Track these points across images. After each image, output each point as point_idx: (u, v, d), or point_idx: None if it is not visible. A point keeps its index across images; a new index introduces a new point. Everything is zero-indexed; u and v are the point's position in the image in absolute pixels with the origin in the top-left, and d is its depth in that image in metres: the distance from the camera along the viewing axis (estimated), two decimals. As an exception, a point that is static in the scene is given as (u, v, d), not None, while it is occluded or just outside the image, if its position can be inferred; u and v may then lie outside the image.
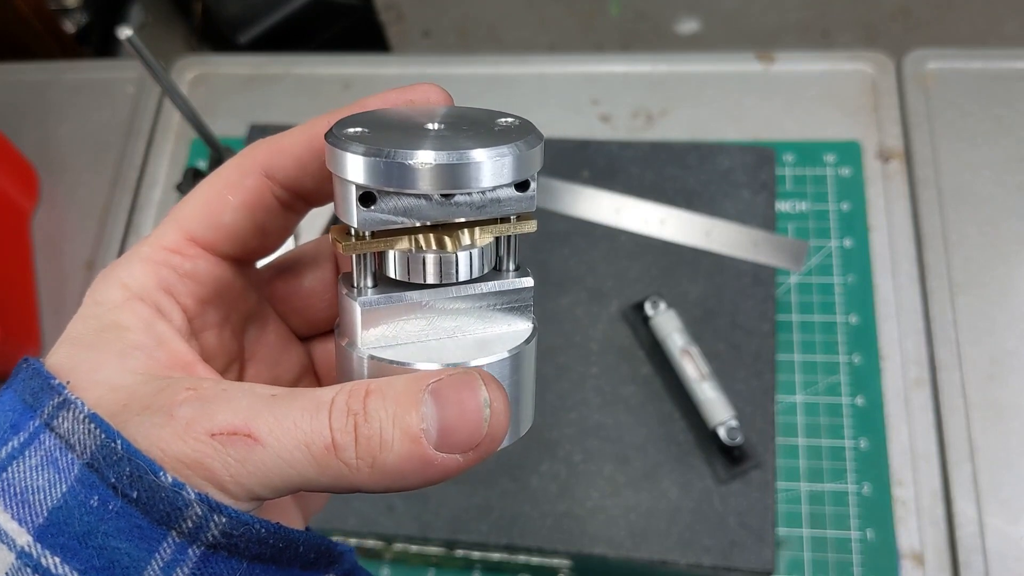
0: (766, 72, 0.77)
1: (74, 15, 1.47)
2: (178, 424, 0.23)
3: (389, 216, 0.25)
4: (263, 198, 0.28)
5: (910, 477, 0.60)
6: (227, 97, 0.82)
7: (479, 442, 0.23)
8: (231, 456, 0.22)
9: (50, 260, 0.76)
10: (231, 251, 0.28)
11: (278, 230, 0.29)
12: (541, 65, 0.80)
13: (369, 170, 0.24)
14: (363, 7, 1.36)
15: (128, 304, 0.26)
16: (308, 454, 0.22)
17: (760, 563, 0.57)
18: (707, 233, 0.68)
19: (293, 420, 0.23)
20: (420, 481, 0.23)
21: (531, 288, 0.27)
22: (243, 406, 0.23)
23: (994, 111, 0.72)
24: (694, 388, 0.60)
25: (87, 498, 0.22)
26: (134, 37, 0.52)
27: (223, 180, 0.28)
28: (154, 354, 0.25)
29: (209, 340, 0.29)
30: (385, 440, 0.23)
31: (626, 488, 0.60)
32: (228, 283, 0.29)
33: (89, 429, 0.22)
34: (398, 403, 0.23)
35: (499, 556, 0.59)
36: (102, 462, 0.22)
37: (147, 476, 0.22)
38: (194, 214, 0.28)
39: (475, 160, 0.24)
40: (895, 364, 0.64)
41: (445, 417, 0.23)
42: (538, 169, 0.26)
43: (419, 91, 0.28)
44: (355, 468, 0.23)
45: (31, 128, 0.82)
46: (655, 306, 0.63)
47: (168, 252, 0.27)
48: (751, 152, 0.70)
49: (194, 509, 0.22)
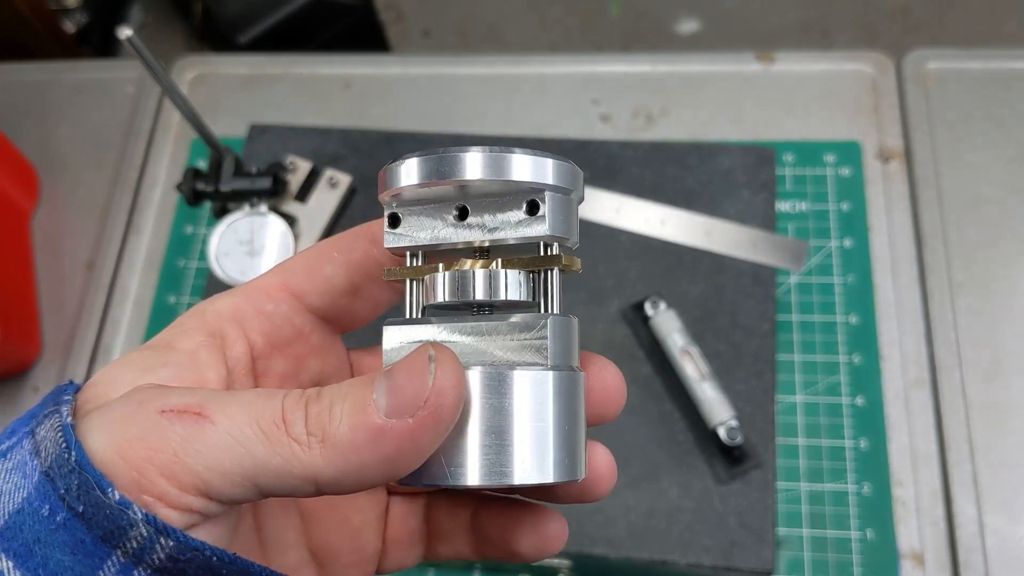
0: (766, 72, 0.77)
1: (74, 15, 1.47)
2: (131, 404, 0.23)
3: (411, 234, 0.27)
4: (366, 262, 0.29)
5: (910, 477, 0.60)
6: (227, 97, 0.82)
7: (426, 397, 0.23)
8: (177, 432, 0.22)
9: (50, 260, 0.76)
10: (320, 303, 0.29)
11: (373, 299, 0.30)
12: (541, 65, 0.80)
13: (390, 176, 0.26)
14: (363, 7, 1.36)
15: (193, 329, 0.27)
16: (257, 429, 0.22)
17: (760, 563, 0.57)
18: (707, 233, 0.68)
19: (247, 401, 0.23)
20: (376, 457, 0.22)
21: (544, 323, 0.26)
22: (201, 392, 0.23)
23: (994, 111, 0.72)
24: (694, 388, 0.60)
25: (40, 506, 0.22)
26: (134, 37, 0.52)
27: (335, 240, 0.29)
28: (181, 374, 0.25)
29: (268, 385, 0.28)
30: (335, 413, 0.22)
31: (626, 488, 0.60)
32: (305, 336, 0.29)
33: (56, 437, 0.22)
34: (352, 384, 0.23)
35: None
36: (56, 471, 0.22)
37: (93, 491, 0.21)
38: (295, 264, 0.29)
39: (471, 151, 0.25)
40: (895, 364, 0.64)
41: (392, 383, 0.23)
42: (551, 187, 0.26)
43: None
44: (306, 445, 0.22)
45: (31, 128, 0.82)
46: (655, 306, 0.63)
47: (257, 291, 0.28)
48: (751, 152, 0.70)
49: (139, 529, 0.21)
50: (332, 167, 0.72)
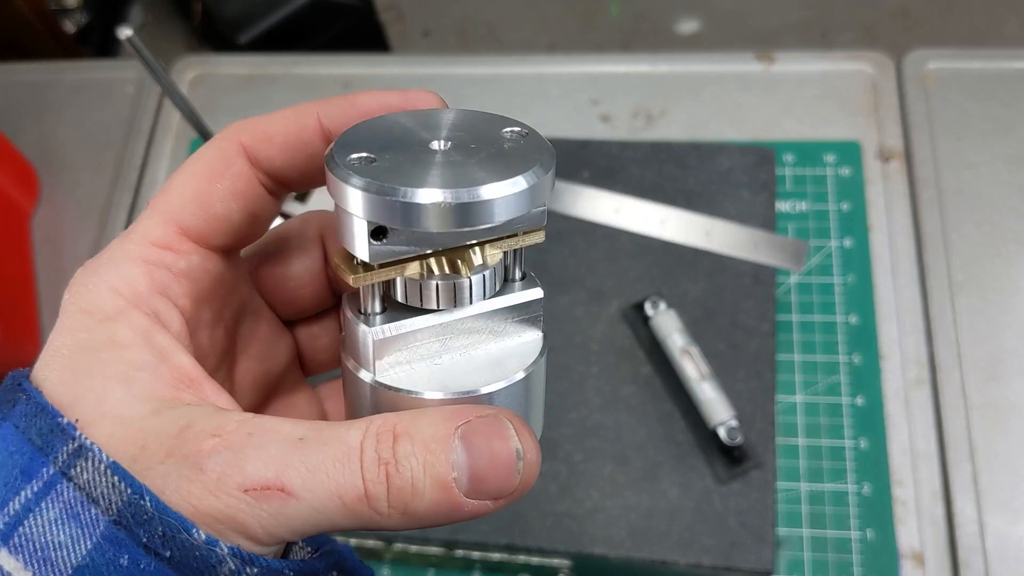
0: (766, 72, 0.77)
1: (74, 15, 1.47)
2: (208, 479, 0.22)
3: (400, 247, 0.24)
4: (251, 185, 0.26)
5: (910, 477, 0.60)
6: (227, 97, 0.82)
7: (512, 491, 0.23)
8: (265, 511, 0.22)
9: (50, 260, 0.76)
10: (224, 242, 0.27)
11: (266, 217, 0.28)
12: (541, 65, 0.80)
13: (379, 208, 0.23)
14: (363, 7, 1.36)
15: (123, 315, 0.24)
16: (341, 504, 0.22)
17: (760, 563, 0.57)
18: (707, 233, 0.68)
19: (326, 472, 0.22)
20: (448, 522, 0.23)
21: (541, 300, 0.27)
22: (272, 455, 0.22)
23: (994, 111, 0.72)
24: (694, 388, 0.60)
25: (116, 556, 0.21)
26: (134, 37, 0.52)
27: (207, 168, 0.26)
28: (157, 372, 0.24)
29: (202, 340, 0.27)
30: (417, 489, 0.22)
31: (626, 488, 0.60)
32: (221, 278, 0.27)
33: (112, 483, 0.22)
34: (428, 450, 0.23)
35: (499, 556, 0.59)
36: (131, 520, 0.21)
37: (180, 535, 0.21)
38: (183, 204, 0.26)
39: (488, 198, 0.23)
40: (895, 364, 0.64)
41: (476, 466, 0.23)
42: (551, 188, 0.25)
43: (415, 99, 0.27)
44: (386, 516, 0.23)
45: (31, 128, 0.81)
46: (655, 306, 0.63)
47: (160, 249, 0.25)
48: (751, 152, 0.70)
49: (227, 565, 0.22)
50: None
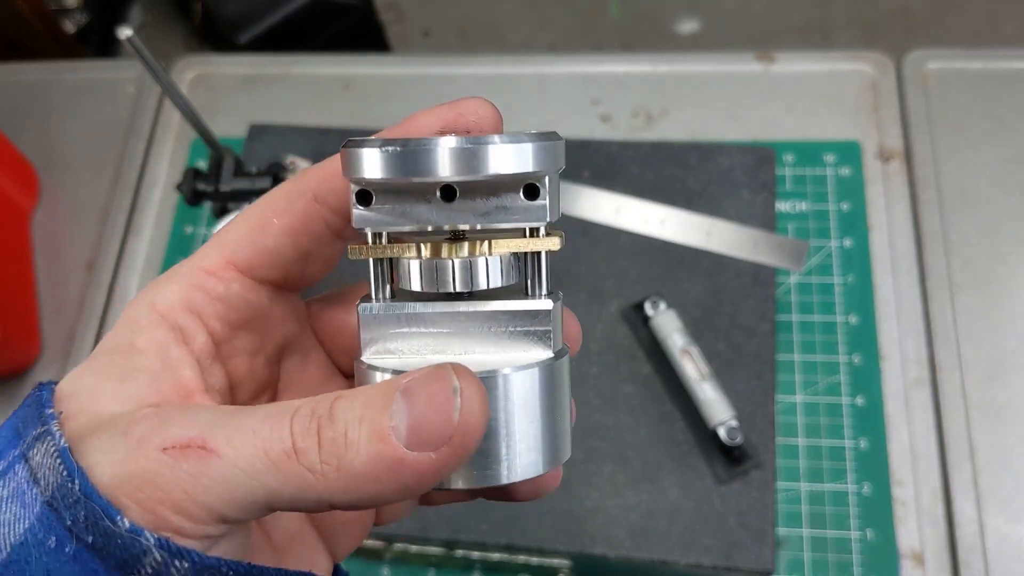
0: (766, 72, 0.77)
1: (74, 15, 1.47)
2: (131, 441, 0.22)
3: (386, 217, 0.24)
4: (311, 223, 0.27)
5: (910, 477, 0.60)
6: (227, 97, 0.82)
7: (451, 433, 0.21)
8: (184, 471, 0.21)
9: (50, 260, 0.76)
10: (271, 276, 0.27)
11: (324, 257, 0.28)
12: (541, 65, 0.80)
13: (363, 160, 0.23)
14: (363, 7, 1.36)
15: (150, 326, 0.26)
16: (267, 461, 0.21)
17: (760, 563, 0.57)
18: (707, 233, 0.67)
19: (252, 428, 0.21)
20: (394, 487, 0.21)
21: (548, 312, 0.25)
22: (200, 419, 0.22)
23: (994, 111, 0.72)
24: (694, 388, 0.60)
25: (45, 538, 0.21)
26: (134, 37, 0.52)
27: (270, 204, 0.27)
28: (158, 378, 0.25)
29: (239, 366, 0.28)
30: (351, 440, 0.21)
31: (626, 488, 0.60)
32: (264, 309, 0.28)
33: (55, 465, 0.21)
34: (367, 404, 0.22)
35: (499, 556, 0.59)
36: (60, 501, 0.21)
37: (102, 521, 0.21)
38: (237, 237, 0.27)
39: (472, 144, 0.22)
40: (895, 364, 0.64)
41: (414, 412, 0.21)
42: (549, 169, 0.24)
43: (466, 105, 0.27)
44: (320, 473, 0.21)
45: (31, 128, 0.82)
46: (655, 306, 0.63)
47: (203, 273, 0.27)
48: (751, 152, 0.70)
49: (153, 556, 0.21)
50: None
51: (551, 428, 0.25)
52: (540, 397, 0.24)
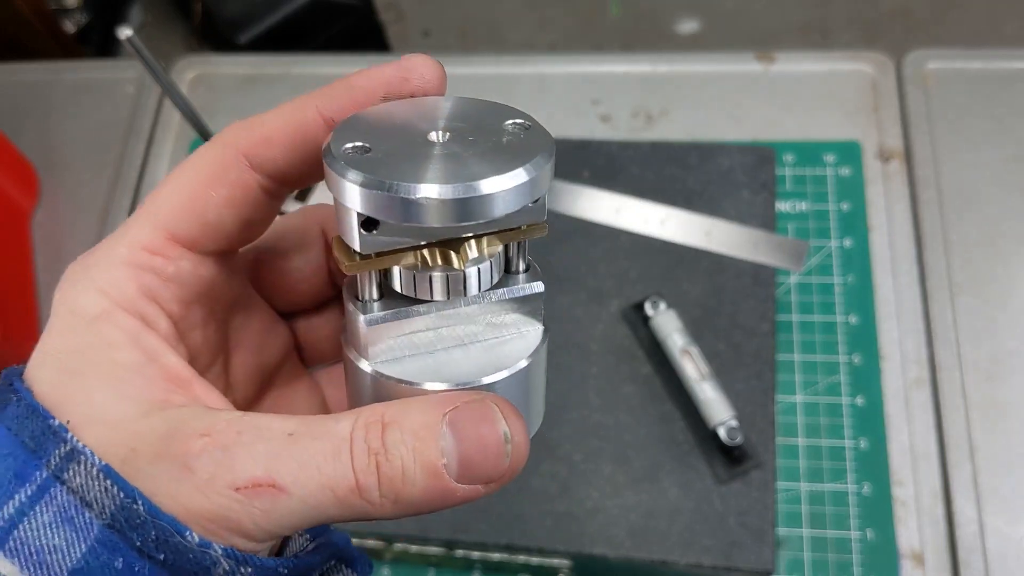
0: (766, 72, 0.77)
1: (74, 15, 1.47)
2: (198, 479, 0.22)
3: (393, 239, 0.24)
4: (249, 191, 0.26)
5: (910, 477, 0.60)
6: (227, 97, 0.82)
7: (502, 474, 0.23)
8: (257, 508, 0.22)
9: (50, 260, 0.76)
10: (217, 248, 0.27)
11: (263, 220, 0.28)
12: (541, 65, 0.80)
13: (372, 202, 0.22)
14: (363, 7, 1.36)
15: (110, 316, 0.24)
16: (333, 497, 0.22)
17: (760, 563, 0.57)
18: (707, 233, 0.68)
19: (316, 466, 0.22)
20: (440, 508, 0.23)
21: (542, 294, 0.27)
22: (262, 452, 0.22)
23: (994, 111, 0.72)
24: (694, 388, 0.60)
25: (111, 560, 0.21)
26: (134, 37, 0.52)
27: (203, 173, 0.26)
28: (146, 373, 0.24)
29: (195, 340, 0.27)
30: (408, 477, 0.23)
31: (626, 488, 0.60)
32: (212, 279, 0.27)
33: (105, 486, 0.22)
34: (416, 437, 0.23)
35: (499, 556, 0.59)
36: (124, 523, 0.22)
37: (173, 538, 0.21)
38: (174, 210, 0.26)
39: (484, 192, 0.22)
40: (895, 364, 0.64)
41: (465, 451, 0.23)
42: (551, 179, 0.24)
43: (409, 67, 0.26)
44: (379, 505, 0.23)
45: (31, 128, 0.81)
46: (655, 306, 0.63)
47: (148, 254, 0.25)
48: (751, 152, 0.70)
49: (221, 565, 0.22)
50: (332, 167, 0.72)
51: (534, 404, 0.27)
52: (530, 380, 0.27)
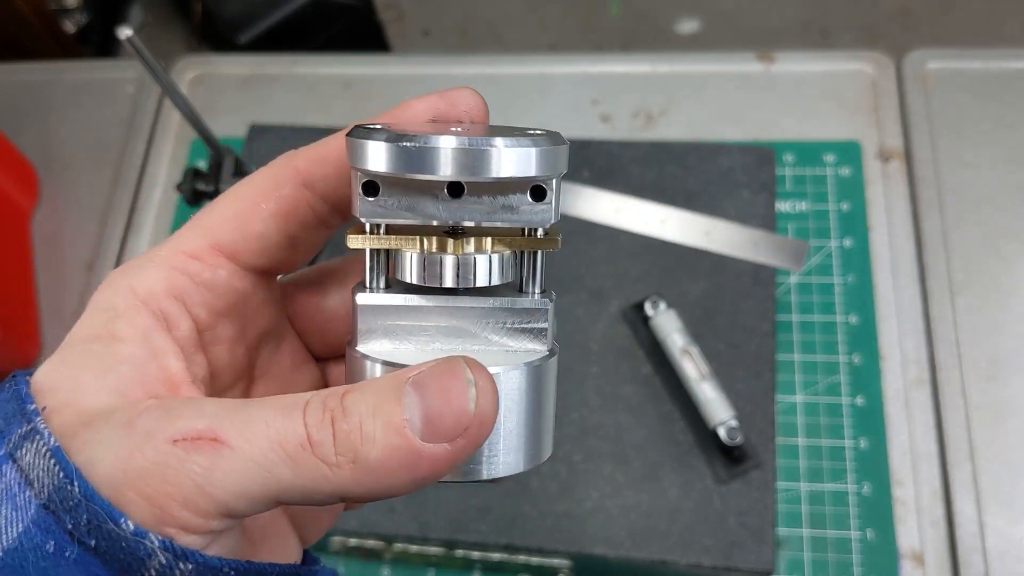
0: (766, 72, 0.77)
1: (74, 15, 1.47)
2: (137, 434, 0.21)
3: (392, 210, 0.24)
4: (298, 209, 0.26)
5: (910, 477, 0.60)
6: (227, 97, 0.82)
7: (467, 424, 0.22)
8: (196, 463, 0.20)
9: (50, 260, 0.76)
10: (257, 262, 0.27)
11: (309, 244, 0.28)
12: (541, 65, 0.80)
13: (371, 153, 0.23)
14: (363, 7, 1.36)
15: (130, 312, 0.24)
16: (282, 453, 0.21)
17: (760, 563, 0.57)
18: (707, 233, 0.68)
19: (264, 420, 0.21)
20: (409, 478, 0.21)
21: (545, 310, 0.26)
22: (208, 411, 0.21)
23: (994, 111, 0.72)
24: (694, 388, 0.60)
25: (43, 542, 0.20)
26: (134, 37, 0.52)
27: (256, 187, 0.26)
28: (142, 368, 0.24)
29: (219, 355, 0.27)
30: (366, 433, 0.21)
31: (626, 488, 0.60)
32: (248, 296, 0.27)
33: (48, 466, 0.21)
34: (379, 397, 0.22)
35: (499, 556, 0.59)
36: (59, 505, 0.21)
37: (106, 524, 0.20)
38: (222, 220, 0.26)
39: (482, 147, 0.23)
40: (895, 364, 0.64)
41: (429, 404, 0.21)
42: (555, 173, 0.24)
43: (457, 95, 0.27)
44: (335, 465, 0.21)
45: (31, 128, 0.82)
46: (655, 306, 0.63)
47: (187, 257, 0.26)
48: (751, 152, 0.70)
49: (157, 558, 0.20)
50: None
51: (535, 427, 0.25)
52: (529, 396, 0.25)
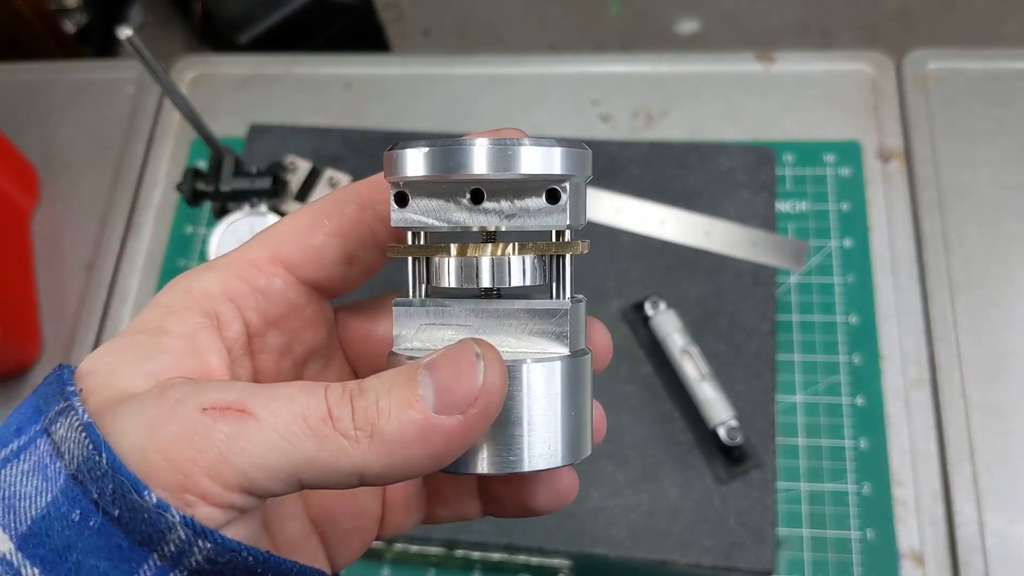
0: (766, 72, 0.77)
1: (74, 15, 1.47)
2: (167, 403, 0.22)
3: (420, 216, 0.26)
4: (358, 227, 0.28)
5: (910, 477, 0.60)
6: (227, 97, 0.82)
7: (476, 395, 0.23)
8: (222, 431, 0.21)
9: (50, 260, 0.76)
10: (314, 275, 0.28)
11: (364, 264, 0.29)
12: (541, 65, 0.80)
13: (407, 160, 0.25)
14: (363, 7, 1.36)
15: (182, 310, 0.26)
16: (305, 427, 0.22)
17: (760, 563, 0.57)
18: (707, 233, 0.68)
19: (289, 395, 0.22)
20: (424, 452, 0.23)
21: (565, 311, 0.27)
22: (236, 387, 0.23)
23: (994, 111, 0.72)
24: (694, 388, 0.60)
25: (69, 511, 0.21)
26: (134, 37, 0.52)
27: (320, 206, 0.28)
28: (181, 360, 0.25)
29: (266, 363, 0.28)
30: (382, 408, 0.22)
31: (626, 488, 0.60)
32: (300, 309, 0.28)
33: (79, 438, 0.22)
34: (394, 379, 0.23)
35: (499, 556, 0.59)
36: (86, 475, 0.21)
37: (130, 495, 0.21)
38: (284, 234, 0.28)
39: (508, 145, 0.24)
40: (895, 364, 0.64)
41: (440, 379, 0.23)
42: (575, 176, 0.26)
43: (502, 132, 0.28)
44: (354, 439, 0.22)
45: (31, 128, 0.81)
46: (655, 306, 0.63)
47: (246, 265, 0.27)
48: (751, 152, 0.70)
49: (177, 532, 0.21)
50: (332, 167, 0.72)
51: (570, 422, 0.26)
52: (560, 391, 0.26)
